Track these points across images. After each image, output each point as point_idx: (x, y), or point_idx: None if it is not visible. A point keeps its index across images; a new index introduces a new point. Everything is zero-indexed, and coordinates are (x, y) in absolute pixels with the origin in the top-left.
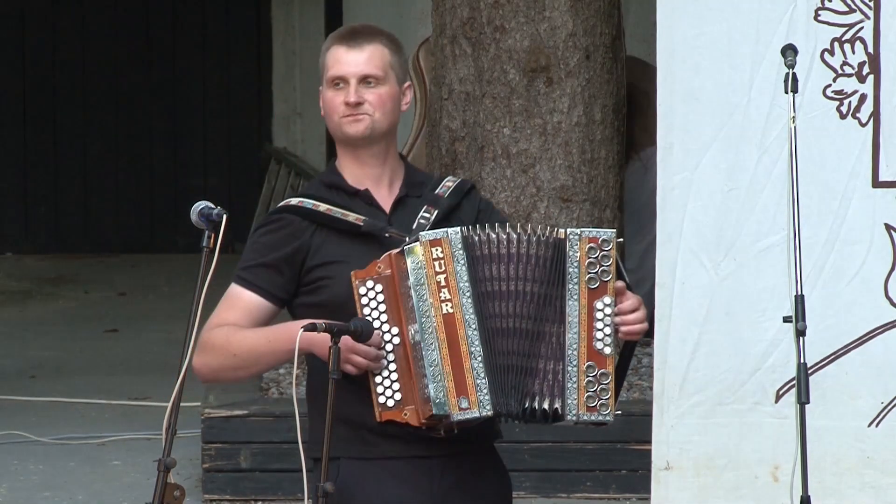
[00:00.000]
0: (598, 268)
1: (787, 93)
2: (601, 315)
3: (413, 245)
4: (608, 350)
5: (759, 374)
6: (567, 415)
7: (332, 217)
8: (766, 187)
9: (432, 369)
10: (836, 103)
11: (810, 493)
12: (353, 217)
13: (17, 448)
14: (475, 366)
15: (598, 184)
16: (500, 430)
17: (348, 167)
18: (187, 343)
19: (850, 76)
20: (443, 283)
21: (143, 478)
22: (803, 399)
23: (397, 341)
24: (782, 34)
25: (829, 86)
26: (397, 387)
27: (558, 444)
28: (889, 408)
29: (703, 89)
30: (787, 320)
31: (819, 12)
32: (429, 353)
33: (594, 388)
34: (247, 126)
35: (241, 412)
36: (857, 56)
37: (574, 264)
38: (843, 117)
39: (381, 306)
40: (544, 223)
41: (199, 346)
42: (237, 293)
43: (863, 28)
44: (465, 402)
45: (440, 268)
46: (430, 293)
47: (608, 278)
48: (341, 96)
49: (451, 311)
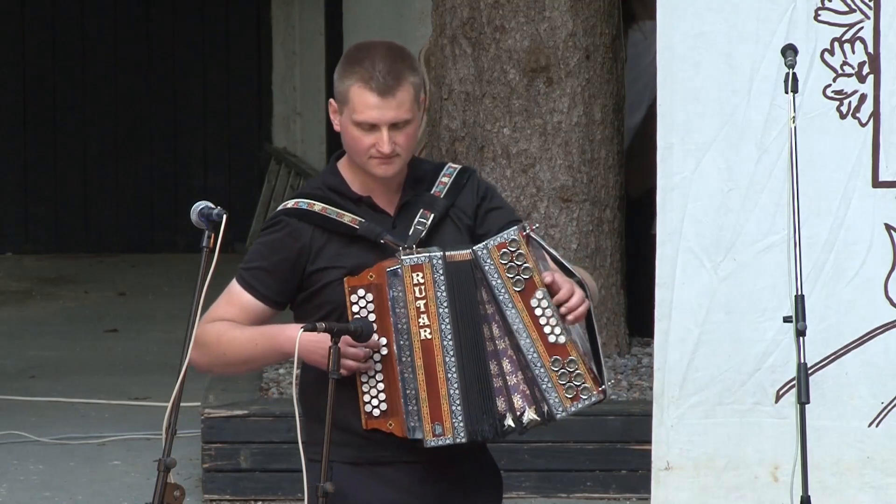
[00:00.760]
0: (515, 271)
1: (787, 93)
2: (540, 310)
3: (394, 268)
4: (563, 338)
5: (759, 374)
6: (556, 414)
7: (327, 218)
8: (766, 187)
9: (410, 392)
10: (836, 103)
11: (810, 493)
12: (348, 218)
13: (17, 448)
14: (451, 392)
15: (598, 184)
16: None
17: (357, 175)
18: (187, 343)
19: (850, 76)
20: (422, 309)
21: (143, 478)
22: (803, 399)
23: (385, 352)
24: (782, 34)
25: (829, 86)
26: (384, 397)
27: (558, 444)
28: (889, 408)
29: (703, 89)
30: (787, 320)
31: (819, 12)
32: (407, 376)
33: (567, 379)
34: (247, 126)
35: (241, 412)
36: (857, 56)
37: (493, 276)
38: (843, 117)
39: (371, 315)
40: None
41: (195, 339)
42: (237, 291)
43: (863, 28)
44: (440, 428)
45: (420, 293)
46: (409, 318)
47: (530, 275)
48: (370, 139)
49: (429, 338)
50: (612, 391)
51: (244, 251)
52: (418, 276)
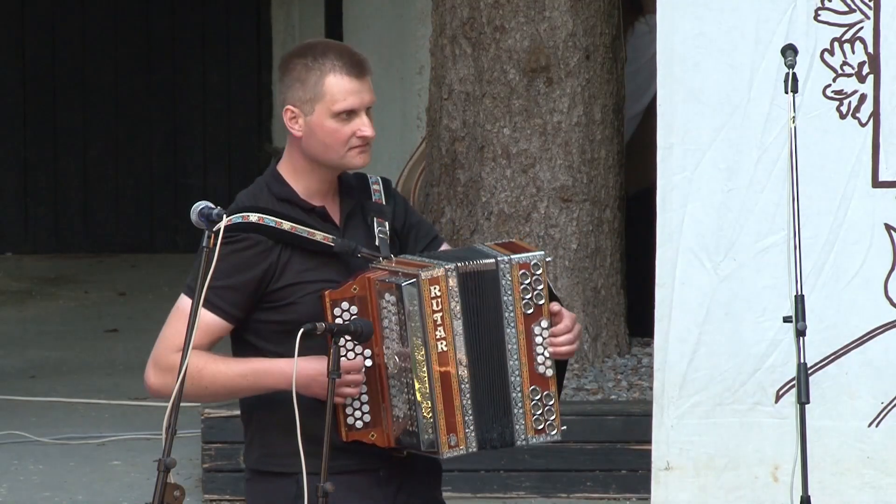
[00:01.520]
0: (531, 293)
1: (787, 93)
2: (540, 339)
3: (411, 281)
4: (550, 372)
5: (759, 374)
6: (516, 440)
7: (300, 237)
8: (766, 187)
9: (424, 406)
10: (836, 103)
11: (810, 493)
12: (320, 236)
13: (17, 448)
14: (464, 403)
15: (598, 184)
16: None
17: (304, 181)
18: (187, 343)
19: (850, 76)
20: (438, 322)
21: (143, 478)
22: (803, 399)
23: (369, 363)
24: (782, 34)
25: (829, 86)
26: (367, 409)
27: (558, 444)
28: (889, 408)
29: (703, 89)
30: (787, 320)
31: (819, 12)
32: (420, 390)
33: (539, 411)
34: (247, 126)
35: None
36: (857, 56)
37: (507, 293)
38: (843, 117)
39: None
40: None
41: (158, 366)
42: (199, 312)
43: (863, 28)
44: (455, 439)
45: (437, 306)
46: (426, 331)
47: (542, 302)
48: (349, 128)
49: (445, 350)
50: (612, 391)
51: None
52: (436, 288)
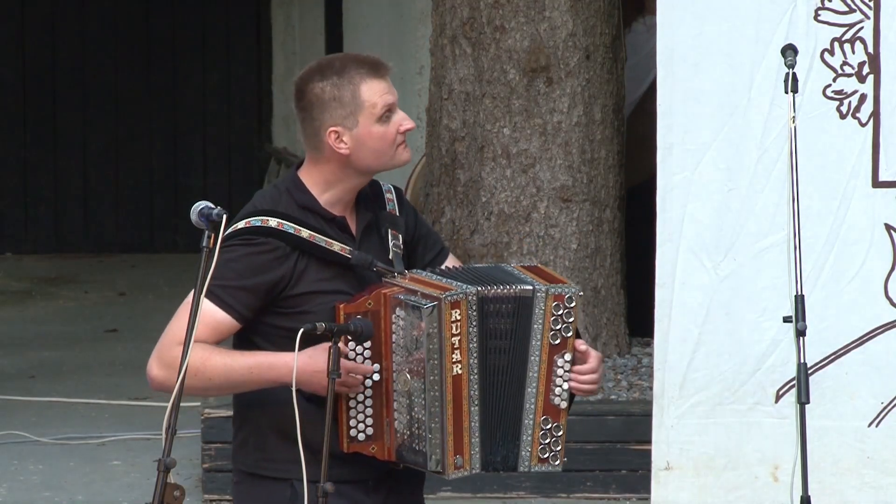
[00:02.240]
0: (561, 324)
1: (787, 93)
2: (561, 371)
3: (432, 305)
4: (563, 404)
5: (759, 374)
6: (519, 466)
7: (318, 246)
8: (766, 187)
9: (433, 427)
10: (836, 103)
11: (810, 493)
12: (337, 247)
13: (17, 448)
14: (472, 425)
15: (598, 184)
16: None
17: (330, 192)
18: (187, 343)
19: (850, 76)
20: (456, 346)
21: (143, 478)
22: (803, 399)
23: (377, 377)
24: (782, 34)
25: (829, 86)
26: (371, 422)
27: None
28: (889, 408)
29: (703, 89)
30: (787, 320)
31: (819, 12)
32: (431, 411)
33: (547, 441)
34: (247, 126)
35: None
36: (857, 56)
37: (538, 321)
38: (843, 117)
39: (367, 342)
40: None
41: (161, 360)
42: (208, 310)
43: (863, 28)
44: (461, 460)
45: (456, 330)
46: (443, 354)
47: (569, 334)
48: (393, 126)
49: (459, 373)
50: (612, 391)
51: None
52: (456, 312)
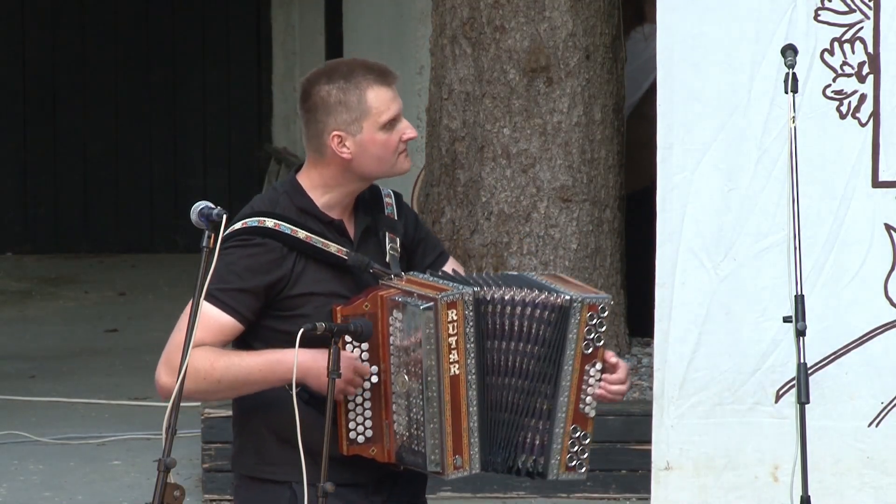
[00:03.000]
0: (594, 334)
1: (787, 93)
2: (592, 381)
3: (428, 305)
4: (592, 413)
5: (759, 374)
6: (548, 474)
7: (314, 247)
8: (766, 187)
9: (432, 427)
10: (836, 103)
11: (810, 493)
12: (334, 248)
13: (17, 448)
14: (471, 425)
15: (598, 184)
16: None
17: (329, 195)
18: (187, 343)
19: (850, 76)
20: (453, 346)
21: (143, 478)
22: (803, 399)
23: (375, 380)
24: (782, 34)
25: (829, 86)
26: (370, 424)
27: None
28: (889, 408)
29: (703, 89)
30: (787, 320)
31: (819, 12)
32: (429, 411)
33: (575, 449)
34: (247, 126)
35: None
36: (857, 56)
37: (573, 331)
38: (843, 117)
39: (364, 344)
40: (549, 272)
41: (170, 366)
42: (211, 313)
43: (863, 28)
44: (460, 460)
45: (453, 330)
46: (440, 355)
47: (601, 344)
48: (395, 134)
49: (457, 374)
50: None
51: None
52: (453, 313)
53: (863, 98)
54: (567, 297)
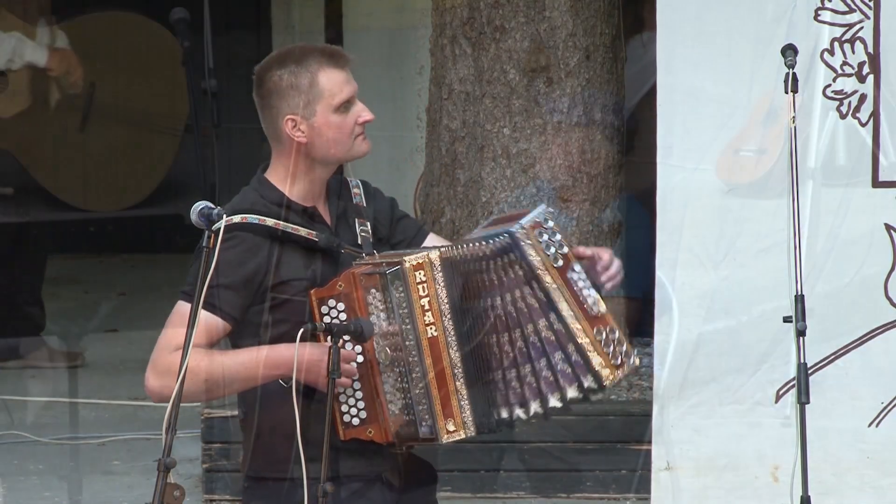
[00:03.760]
0: (553, 247)
1: (787, 93)
2: (581, 283)
3: (395, 269)
4: (603, 309)
5: (759, 374)
6: (604, 382)
7: (285, 232)
8: (766, 187)
9: (417, 393)
10: (836, 103)
11: (810, 493)
12: (304, 231)
13: (17, 448)
14: (458, 387)
15: (598, 184)
16: None
17: (298, 185)
18: (187, 343)
19: (850, 76)
20: (426, 307)
21: (143, 478)
22: (803, 399)
23: (361, 360)
24: (782, 34)
25: (829, 86)
26: (362, 405)
27: (558, 444)
28: (889, 408)
29: (703, 89)
30: (787, 320)
31: (819, 12)
32: (414, 377)
33: (611, 347)
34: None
35: None
36: (857, 56)
37: (533, 256)
38: (843, 117)
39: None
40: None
41: (157, 369)
42: (201, 315)
43: (863, 28)
44: (452, 424)
45: (423, 291)
46: (415, 318)
47: (566, 250)
48: (351, 117)
49: (435, 335)
50: (612, 391)
51: None
52: (420, 273)
53: (863, 98)
54: (505, 234)
